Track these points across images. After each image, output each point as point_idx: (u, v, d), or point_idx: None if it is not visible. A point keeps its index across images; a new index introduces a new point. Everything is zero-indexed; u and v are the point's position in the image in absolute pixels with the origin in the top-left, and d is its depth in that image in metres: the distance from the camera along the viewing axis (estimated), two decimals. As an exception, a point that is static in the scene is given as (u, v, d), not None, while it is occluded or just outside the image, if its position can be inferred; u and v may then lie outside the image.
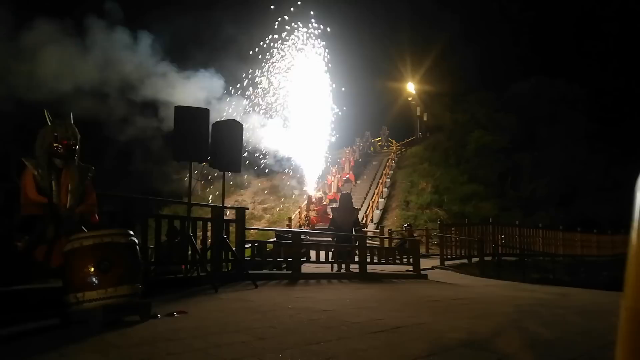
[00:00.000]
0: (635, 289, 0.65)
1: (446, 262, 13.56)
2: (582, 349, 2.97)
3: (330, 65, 24.92)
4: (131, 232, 3.48)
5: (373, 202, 24.06)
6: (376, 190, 25.45)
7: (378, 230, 19.80)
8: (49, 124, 3.76)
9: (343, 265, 8.79)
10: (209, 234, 6.54)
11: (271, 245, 8.65)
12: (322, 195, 22.99)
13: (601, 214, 24.81)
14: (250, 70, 22.50)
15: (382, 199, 25.34)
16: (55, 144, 3.69)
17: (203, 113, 5.87)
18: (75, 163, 3.84)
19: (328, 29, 24.43)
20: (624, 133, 29.90)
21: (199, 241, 6.54)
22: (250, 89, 22.66)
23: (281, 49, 23.91)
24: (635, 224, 0.66)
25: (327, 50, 24.58)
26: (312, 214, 21.04)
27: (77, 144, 3.82)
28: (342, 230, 9.31)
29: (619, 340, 0.67)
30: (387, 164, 30.51)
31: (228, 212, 7.41)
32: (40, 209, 3.56)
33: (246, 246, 7.39)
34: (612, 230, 23.73)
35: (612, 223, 22.60)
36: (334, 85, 25.28)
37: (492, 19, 41.99)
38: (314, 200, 22.17)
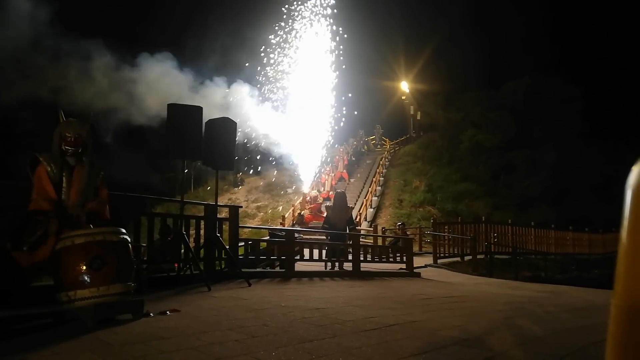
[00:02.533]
0: (624, 287, 0.66)
1: (439, 260, 13.60)
2: (574, 346, 3.00)
3: (342, 64, 25.14)
4: (123, 230, 3.47)
5: (366, 200, 24.09)
6: (370, 189, 25.50)
7: (371, 229, 19.84)
8: (60, 122, 3.82)
9: (336, 264, 8.80)
10: (202, 232, 6.52)
11: (265, 244, 8.64)
12: (317, 193, 23.00)
13: (593, 213, 24.99)
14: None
15: (376, 198, 25.39)
16: (63, 143, 3.74)
17: (196, 110, 5.85)
18: (88, 161, 3.86)
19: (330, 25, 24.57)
20: (617, 132, 30.14)
21: (192, 239, 6.51)
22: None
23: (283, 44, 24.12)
24: (625, 223, 0.67)
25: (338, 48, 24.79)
26: (306, 212, 21.04)
27: (86, 142, 3.84)
28: (336, 229, 9.32)
29: (609, 337, 0.68)
30: (381, 162, 30.57)
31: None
32: (50, 204, 3.57)
33: (239, 244, 7.38)
34: (603, 229, 23.92)
35: (604, 221, 22.78)
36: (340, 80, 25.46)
37: (486, 17, 42.18)
38: (308, 198, 22.18)
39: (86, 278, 3.12)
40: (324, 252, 9.07)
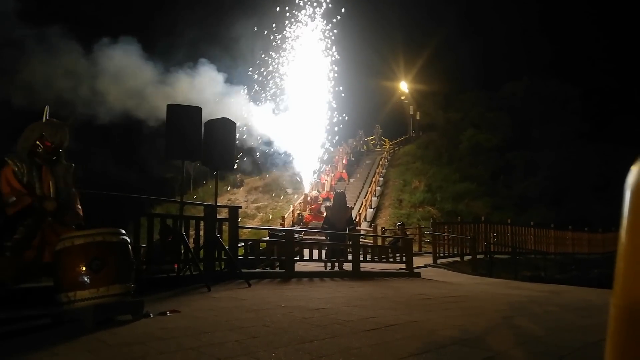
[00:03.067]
0: (624, 286, 0.66)
1: (439, 260, 13.61)
2: (574, 346, 3.00)
3: (334, 63, 25.04)
4: (123, 231, 3.46)
5: (366, 200, 24.10)
6: (369, 189, 25.50)
7: (371, 229, 19.84)
8: (42, 121, 3.69)
9: (336, 264, 8.80)
10: (201, 232, 6.52)
11: (264, 244, 8.64)
12: (317, 193, 23.02)
13: (593, 212, 25.02)
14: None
15: (375, 198, 25.39)
16: (38, 143, 3.57)
17: (195, 111, 5.85)
18: (57, 162, 3.72)
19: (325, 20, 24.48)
20: (615, 132, 30.17)
21: (191, 240, 6.50)
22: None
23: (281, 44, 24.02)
24: (624, 222, 0.67)
25: (333, 47, 24.66)
26: (306, 213, 21.06)
27: (62, 148, 3.70)
28: (336, 229, 9.32)
29: (608, 336, 0.68)
30: (380, 162, 30.57)
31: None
32: (30, 199, 3.47)
33: (239, 245, 7.38)
34: (603, 229, 23.93)
35: (604, 221, 22.80)
36: (336, 86, 25.38)
37: (486, 18, 42.24)
38: (309, 199, 22.18)
39: (86, 279, 3.11)
40: (323, 252, 9.06)
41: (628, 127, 29.49)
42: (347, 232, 9.45)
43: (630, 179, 0.67)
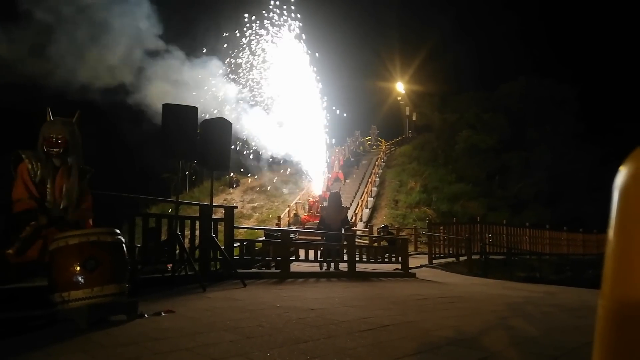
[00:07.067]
0: (611, 287, 0.66)
1: (434, 261, 13.64)
2: (568, 346, 3.01)
3: (316, 66, 24.83)
4: (118, 231, 3.45)
5: (362, 201, 24.12)
6: (365, 189, 25.52)
7: (367, 229, 19.86)
8: (46, 122, 3.74)
9: (332, 264, 8.79)
10: (197, 232, 6.50)
11: (260, 244, 8.63)
12: (317, 195, 23.01)
13: (587, 213, 25.12)
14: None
15: (371, 198, 25.42)
16: (46, 144, 3.65)
17: (191, 111, 5.83)
18: (73, 163, 3.76)
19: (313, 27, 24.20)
20: (611, 133, 30.32)
21: (187, 240, 6.49)
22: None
23: (260, 46, 23.70)
24: (612, 223, 0.67)
25: (310, 50, 24.36)
26: (302, 214, 21.04)
27: (68, 142, 3.72)
28: (331, 229, 9.31)
29: (596, 337, 0.68)
30: (377, 163, 30.62)
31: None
32: (35, 204, 3.50)
33: (235, 245, 7.37)
34: (597, 230, 24.04)
35: (598, 222, 22.89)
36: (322, 87, 25.20)
37: (482, 19, 42.42)
38: (310, 199, 22.15)
39: (80, 279, 3.10)
40: (319, 252, 9.06)
41: (623, 127, 29.65)
42: (343, 232, 9.45)
43: (618, 180, 0.67)
